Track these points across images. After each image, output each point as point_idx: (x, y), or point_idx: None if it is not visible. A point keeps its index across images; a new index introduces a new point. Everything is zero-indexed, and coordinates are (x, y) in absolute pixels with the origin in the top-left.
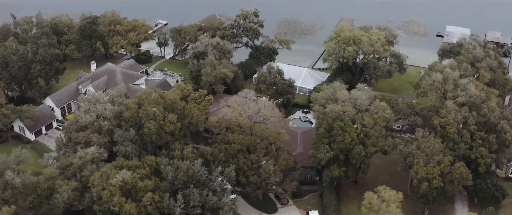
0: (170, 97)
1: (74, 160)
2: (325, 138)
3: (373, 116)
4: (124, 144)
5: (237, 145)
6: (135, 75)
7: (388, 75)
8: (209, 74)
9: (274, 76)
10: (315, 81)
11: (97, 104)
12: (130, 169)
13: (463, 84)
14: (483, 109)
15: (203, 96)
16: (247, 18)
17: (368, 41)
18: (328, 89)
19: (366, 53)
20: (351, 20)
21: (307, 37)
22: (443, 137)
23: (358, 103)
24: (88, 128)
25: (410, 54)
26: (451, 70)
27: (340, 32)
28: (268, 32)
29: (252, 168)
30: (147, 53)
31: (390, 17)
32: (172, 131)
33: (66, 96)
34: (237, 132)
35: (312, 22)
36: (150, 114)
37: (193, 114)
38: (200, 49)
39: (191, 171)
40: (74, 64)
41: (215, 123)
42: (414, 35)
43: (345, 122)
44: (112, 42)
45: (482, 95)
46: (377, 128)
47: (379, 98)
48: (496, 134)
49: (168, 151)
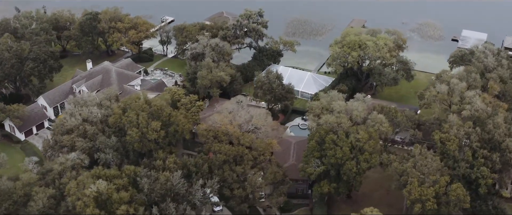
0: (156, 103)
1: (55, 165)
2: (316, 152)
3: (369, 129)
4: (105, 151)
5: (222, 156)
6: (131, 76)
7: (394, 82)
8: (204, 78)
9: (272, 81)
10: (319, 86)
11: (84, 107)
12: (107, 179)
13: (469, 96)
14: (488, 125)
15: (194, 101)
16: (250, 18)
17: (374, 46)
18: (325, 98)
19: (372, 59)
20: (363, 21)
21: (316, 38)
22: (443, 154)
23: (354, 115)
24: (73, 131)
25: (423, 59)
26: (458, 81)
27: (346, 35)
28: (277, 31)
29: (238, 180)
30: (148, 51)
31: (404, 19)
32: (155, 139)
33: (60, 95)
34: (225, 141)
35: (323, 23)
36: (133, 121)
37: (178, 121)
38: (198, 50)
39: (169, 184)
40: (75, 61)
41: (203, 131)
42: (428, 38)
43: (338, 135)
44: (111, 40)
45: (489, 109)
46: (371, 143)
47: (377, 110)
48: (500, 152)
49: (150, 160)
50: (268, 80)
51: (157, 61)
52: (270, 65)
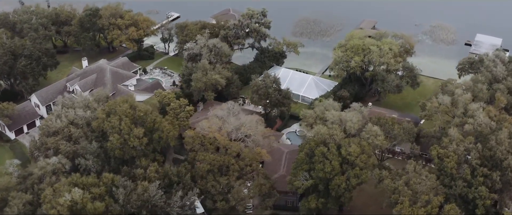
0: (140, 109)
1: (35, 170)
2: (305, 164)
3: (362, 143)
4: (85, 157)
5: (206, 165)
6: (126, 75)
7: (397, 90)
8: (199, 80)
9: (268, 86)
10: (321, 90)
11: (71, 108)
12: (84, 187)
13: (472, 109)
14: (490, 141)
15: (183, 106)
16: (252, 17)
17: (377, 51)
18: (319, 107)
19: (375, 65)
20: (373, 22)
21: (323, 39)
22: (441, 170)
23: (348, 126)
24: (59, 133)
25: (433, 64)
26: (462, 92)
27: (350, 39)
28: (285, 30)
29: (221, 192)
30: (149, 48)
31: (418, 20)
32: (137, 146)
33: (53, 93)
34: (211, 150)
35: (332, 23)
36: (116, 127)
37: (163, 128)
38: (195, 50)
39: (146, 195)
40: (75, 57)
41: (189, 139)
42: (440, 42)
43: (329, 148)
44: (111, 37)
45: (493, 124)
46: (363, 157)
47: (373, 121)
48: (502, 171)
49: (131, 168)
50: (265, 85)
51: (158, 59)
52: (272, 67)
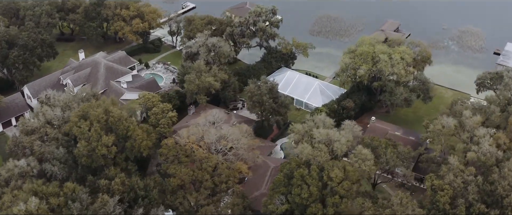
0: (114, 114)
1: (2, 171)
2: (282, 186)
3: (347, 167)
4: (52, 162)
5: (177, 180)
6: (121, 71)
7: (406, 104)
8: (191, 82)
9: (263, 93)
10: (326, 97)
11: (52, 107)
12: (44, 197)
13: (479, 135)
14: (493, 174)
15: (166, 111)
16: (260, 15)
17: (388, 60)
18: (309, 123)
19: (384, 75)
20: (396, 24)
21: (341, 40)
22: (433, 204)
23: (335, 147)
24: (35, 133)
25: (455, 73)
26: (471, 114)
27: (360, 44)
28: (303, 27)
29: (190, 211)
30: (156, 41)
31: (446, 24)
32: (106, 155)
33: (45, 86)
34: (185, 163)
35: (354, 22)
36: (85, 132)
37: (136, 136)
38: (193, 49)
39: (103, 211)
40: (80, 46)
41: (164, 150)
42: (467, 49)
43: (309, 170)
44: (114, 28)
45: (499, 154)
46: (345, 184)
47: (365, 142)
48: (501, 209)
49: (97, 178)
50: (259, 91)
51: (164, 53)
52: (279, 68)
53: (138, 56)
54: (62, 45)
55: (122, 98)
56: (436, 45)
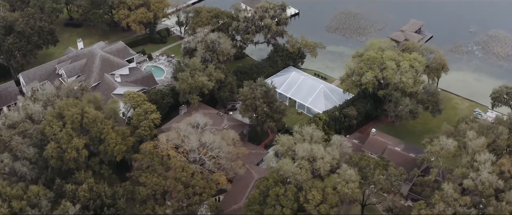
0: (89, 115)
1: None
2: (256, 204)
3: (327, 189)
4: (22, 162)
5: (147, 190)
6: (117, 63)
7: (411, 116)
8: (184, 81)
9: (256, 97)
10: (330, 102)
11: (36, 101)
12: (7, 199)
13: (479, 161)
14: (490, 206)
15: (149, 112)
16: (267, 11)
17: (394, 68)
18: (296, 135)
19: (390, 83)
20: (419, 24)
21: (359, 38)
22: None
23: (317, 165)
24: (16, 127)
25: (475, 82)
26: (475, 135)
27: (369, 48)
28: (320, 23)
29: None
30: (163, 31)
31: (473, 26)
32: (77, 158)
33: (41, 75)
34: (159, 171)
35: (375, 20)
36: (56, 133)
37: (109, 140)
38: (191, 45)
39: None
40: (86, 32)
41: (139, 155)
42: (492, 56)
43: (286, 190)
44: (118, 17)
45: (500, 183)
46: (323, 208)
47: (353, 161)
48: None
49: (64, 182)
50: (253, 95)
51: (171, 44)
52: (286, 67)
53: (143, 47)
54: (69, 31)
55: (114, 92)
56: (459, 49)
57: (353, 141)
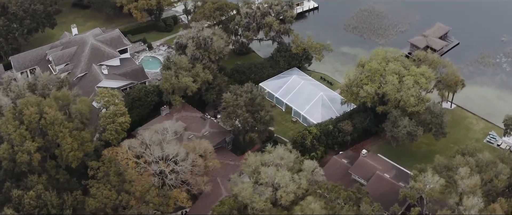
0: (48, 116)
1: None
2: None
3: None
4: None
5: (96, 203)
6: (107, 54)
7: (409, 139)
8: (167, 80)
9: (239, 105)
10: (328, 113)
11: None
12: None
13: (467, 206)
14: None
15: (118, 115)
16: (271, 8)
17: (396, 84)
18: (266, 155)
19: (391, 100)
20: (446, 29)
21: (377, 40)
22: None
23: (278, 194)
24: None
25: (497, 100)
26: (469, 172)
27: (373, 58)
28: (338, 20)
29: None
30: (168, 19)
31: (506, 35)
32: (28, 162)
33: (31, 60)
34: (114, 182)
35: (398, 20)
36: (11, 133)
37: (64, 144)
38: (183, 41)
39: None
40: (94, 14)
41: (97, 163)
42: None
43: None
44: (119, 2)
45: None
46: None
47: (321, 191)
48: None
49: (16, 185)
50: (236, 103)
51: (176, 33)
52: (290, 68)
53: (146, 34)
54: (75, 12)
55: (99, 85)
56: (485, 60)
57: (342, 161)
